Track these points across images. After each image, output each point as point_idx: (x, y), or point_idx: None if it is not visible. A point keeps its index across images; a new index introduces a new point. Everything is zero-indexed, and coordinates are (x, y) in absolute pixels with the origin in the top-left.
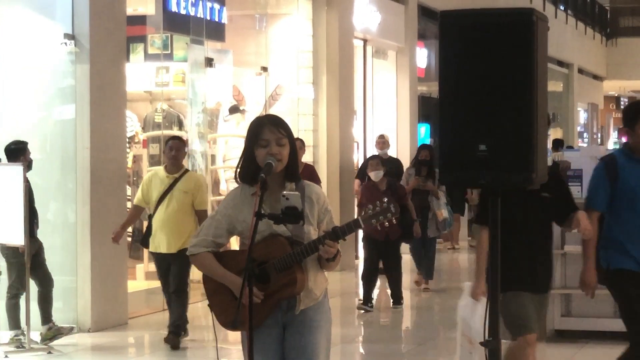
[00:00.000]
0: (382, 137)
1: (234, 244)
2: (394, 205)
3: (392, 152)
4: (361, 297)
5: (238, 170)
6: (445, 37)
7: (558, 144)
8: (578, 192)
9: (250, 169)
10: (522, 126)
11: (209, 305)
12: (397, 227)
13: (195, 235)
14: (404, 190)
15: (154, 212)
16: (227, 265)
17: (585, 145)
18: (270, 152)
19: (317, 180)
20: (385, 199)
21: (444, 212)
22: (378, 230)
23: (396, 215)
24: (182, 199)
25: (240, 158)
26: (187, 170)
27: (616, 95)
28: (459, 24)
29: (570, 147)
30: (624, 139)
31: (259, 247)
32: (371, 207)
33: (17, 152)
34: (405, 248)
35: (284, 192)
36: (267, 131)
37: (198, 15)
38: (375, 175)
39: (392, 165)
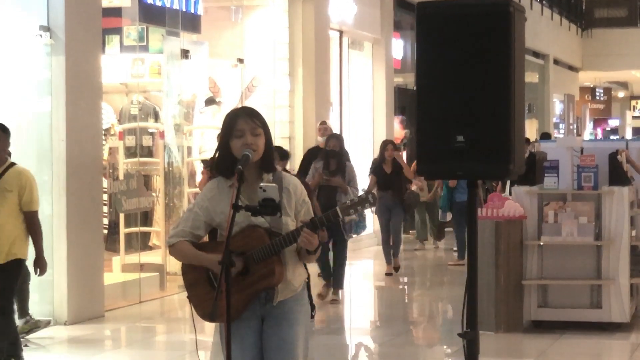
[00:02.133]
0: (323, 123)
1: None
2: (372, 196)
3: (369, 145)
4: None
5: (213, 162)
6: (422, 28)
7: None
8: (554, 183)
9: (226, 161)
10: (500, 117)
11: (187, 297)
12: None
13: (174, 227)
14: (308, 188)
15: None
16: None
17: (561, 136)
18: (245, 142)
19: None
20: (364, 189)
21: None
22: None
23: (374, 205)
24: (4, 198)
25: (216, 151)
26: (12, 165)
27: (591, 86)
28: (436, 15)
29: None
30: (599, 130)
31: (237, 239)
32: (349, 198)
33: None
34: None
35: (262, 183)
36: (242, 122)
37: (174, 7)
38: None
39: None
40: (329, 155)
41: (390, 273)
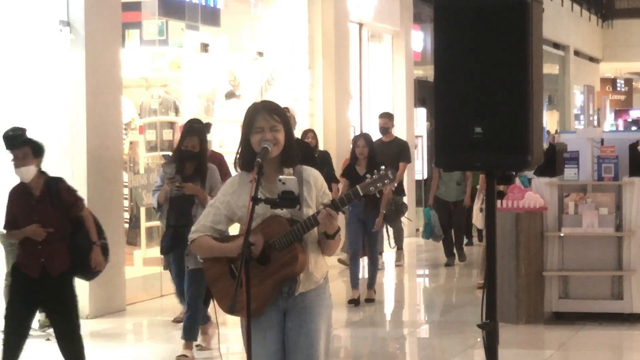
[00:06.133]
0: (286, 110)
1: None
2: (392, 172)
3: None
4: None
5: (237, 157)
6: (440, 20)
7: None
8: (575, 174)
9: (247, 156)
10: (518, 109)
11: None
12: (64, 254)
13: (196, 222)
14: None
15: None
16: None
17: (581, 127)
18: (265, 138)
19: (226, 171)
20: (383, 167)
21: None
22: (30, 260)
23: (393, 181)
24: None
25: (239, 146)
26: None
27: (612, 77)
28: (453, 7)
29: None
30: (620, 121)
31: (258, 229)
32: (369, 176)
33: (16, 138)
34: None
35: (281, 176)
36: (261, 118)
37: (193, 1)
38: (24, 172)
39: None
40: (183, 157)
41: (355, 300)
